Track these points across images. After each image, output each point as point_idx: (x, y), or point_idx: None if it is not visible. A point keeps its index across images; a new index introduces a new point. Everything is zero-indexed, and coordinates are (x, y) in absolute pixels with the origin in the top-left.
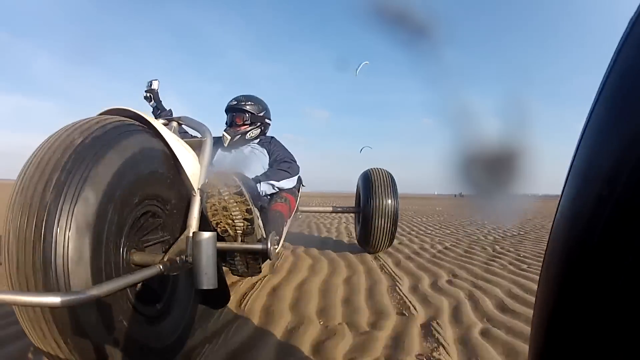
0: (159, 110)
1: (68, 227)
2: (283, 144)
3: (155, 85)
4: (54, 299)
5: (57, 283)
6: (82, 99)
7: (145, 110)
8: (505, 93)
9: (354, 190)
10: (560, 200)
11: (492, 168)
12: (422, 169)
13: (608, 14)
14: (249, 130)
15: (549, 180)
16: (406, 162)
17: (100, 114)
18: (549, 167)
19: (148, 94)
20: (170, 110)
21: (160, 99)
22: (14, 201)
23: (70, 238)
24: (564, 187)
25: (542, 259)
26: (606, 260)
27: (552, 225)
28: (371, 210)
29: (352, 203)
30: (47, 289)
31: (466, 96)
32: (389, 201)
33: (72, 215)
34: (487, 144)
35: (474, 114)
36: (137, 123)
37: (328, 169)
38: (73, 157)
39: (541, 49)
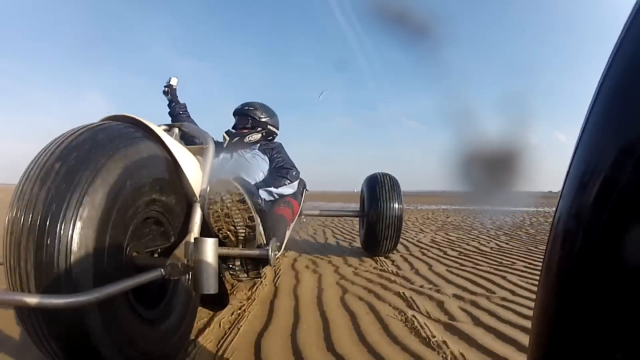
0: (173, 104)
1: (70, 229)
2: (285, 151)
3: (173, 82)
4: (55, 301)
5: (58, 285)
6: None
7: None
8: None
9: None
10: (559, 202)
11: (483, 166)
12: (339, 166)
13: (607, 13)
14: (249, 134)
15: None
16: (325, 159)
17: (103, 120)
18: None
19: (166, 89)
20: (184, 104)
21: (177, 95)
22: (16, 202)
23: (72, 240)
24: (562, 189)
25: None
26: (605, 262)
27: (552, 227)
28: (376, 215)
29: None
30: (48, 291)
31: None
32: (394, 205)
33: (74, 218)
34: (479, 142)
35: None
36: (138, 130)
37: None
38: (76, 161)
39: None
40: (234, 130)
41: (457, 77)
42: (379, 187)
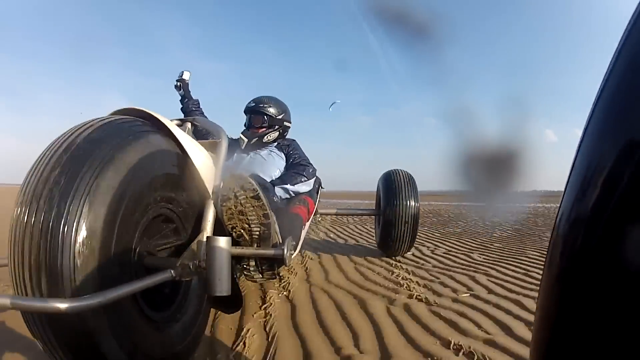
0: (185, 99)
1: (76, 229)
2: (300, 147)
3: (186, 76)
4: (59, 305)
5: (63, 287)
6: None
7: (158, 109)
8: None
9: None
10: (561, 202)
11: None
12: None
13: (608, 14)
14: (267, 133)
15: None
16: (340, 160)
17: (112, 114)
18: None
19: (178, 83)
20: (197, 100)
21: (190, 90)
22: (21, 202)
23: (77, 240)
24: (565, 189)
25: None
26: (606, 263)
27: (554, 227)
28: (392, 213)
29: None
30: (54, 293)
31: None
32: (411, 203)
33: (80, 217)
34: (482, 143)
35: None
36: (149, 123)
37: None
38: (81, 157)
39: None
40: (249, 131)
41: (482, 74)
42: (394, 185)
